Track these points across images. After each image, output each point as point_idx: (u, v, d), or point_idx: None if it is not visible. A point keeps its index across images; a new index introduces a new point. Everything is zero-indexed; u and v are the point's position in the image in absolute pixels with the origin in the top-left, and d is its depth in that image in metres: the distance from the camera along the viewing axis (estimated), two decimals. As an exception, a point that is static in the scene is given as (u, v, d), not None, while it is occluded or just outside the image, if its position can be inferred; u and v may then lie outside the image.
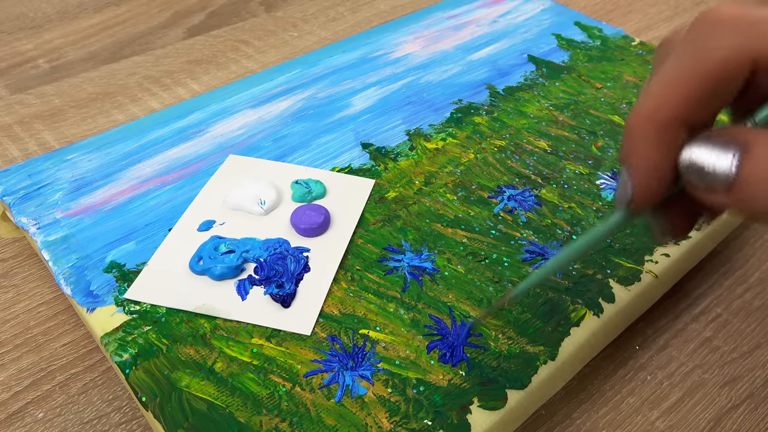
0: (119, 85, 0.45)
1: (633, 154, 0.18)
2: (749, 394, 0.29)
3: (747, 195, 0.16)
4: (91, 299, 0.27)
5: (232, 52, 0.49)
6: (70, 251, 0.29)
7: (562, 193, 0.34)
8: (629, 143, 0.18)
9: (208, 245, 0.29)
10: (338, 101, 0.39)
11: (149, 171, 0.34)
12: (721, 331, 0.31)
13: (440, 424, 0.24)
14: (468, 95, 0.40)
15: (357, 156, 0.35)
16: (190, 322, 0.27)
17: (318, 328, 0.27)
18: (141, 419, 0.27)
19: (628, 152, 0.19)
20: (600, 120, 0.39)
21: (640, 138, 0.18)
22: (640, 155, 0.18)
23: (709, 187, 0.17)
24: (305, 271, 0.29)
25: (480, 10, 0.49)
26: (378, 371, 0.25)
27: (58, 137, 0.40)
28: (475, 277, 0.29)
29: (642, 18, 0.55)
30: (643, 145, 0.18)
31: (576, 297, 0.28)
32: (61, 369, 0.28)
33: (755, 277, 0.34)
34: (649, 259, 0.30)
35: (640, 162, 0.18)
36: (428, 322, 0.27)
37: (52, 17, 0.53)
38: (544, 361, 0.26)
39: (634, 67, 0.43)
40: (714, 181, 0.17)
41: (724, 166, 0.16)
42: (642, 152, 0.18)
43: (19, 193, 0.32)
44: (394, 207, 0.32)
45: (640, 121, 0.18)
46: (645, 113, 0.18)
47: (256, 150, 0.35)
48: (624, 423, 0.28)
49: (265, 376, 0.25)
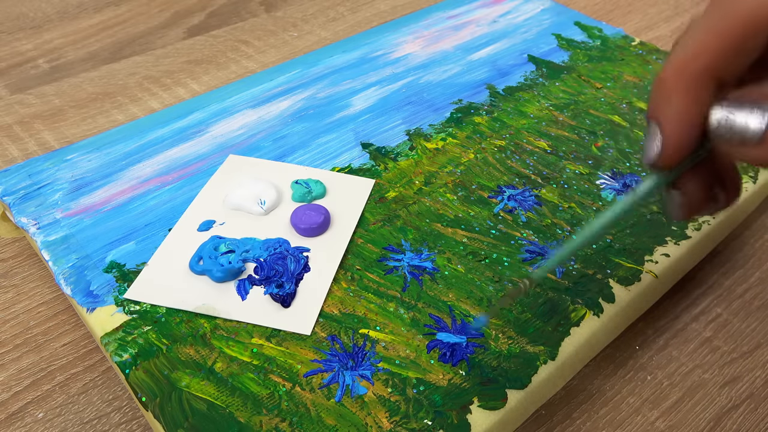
0: (119, 85, 0.45)
1: (664, 106, 0.19)
2: (749, 394, 0.29)
3: None
4: (91, 299, 0.27)
5: (232, 52, 0.49)
6: (70, 251, 0.29)
7: (562, 193, 0.34)
8: (659, 96, 0.19)
9: (208, 245, 0.29)
10: (338, 101, 0.39)
11: (149, 171, 0.34)
12: (721, 331, 0.31)
13: (440, 424, 0.24)
14: (468, 95, 0.40)
15: (357, 156, 0.35)
16: (190, 322, 0.27)
17: (318, 328, 0.27)
18: (141, 419, 0.27)
19: (657, 105, 0.19)
20: (600, 120, 0.39)
21: (672, 89, 0.19)
22: (670, 107, 0.19)
23: (742, 141, 0.18)
24: (305, 271, 0.29)
25: (480, 10, 0.49)
26: (378, 371, 0.25)
27: (58, 137, 0.40)
28: (475, 276, 0.29)
29: (642, 18, 0.55)
30: (675, 96, 0.19)
31: (576, 297, 0.28)
32: (61, 369, 0.28)
33: (755, 277, 0.34)
34: (649, 259, 0.30)
35: (672, 113, 0.19)
36: (428, 321, 0.27)
37: (52, 17, 0.53)
38: (544, 361, 0.26)
39: (634, 67, 0.43)
40: (745, 136, 0.18)
41: (755, 121, 0.17)
42: (673, 103, 0.19)
43: (19, 193, 0.32)
44: (394, 207, 0.32)
45: (671, 74, 0.19)
46: (677, 66, 0.19)
47: (256, 150, 0.35)
48: (624, 423, 0.28)
49: (265, 376, 0.25)
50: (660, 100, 0.19)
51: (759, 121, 0.17)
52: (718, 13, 0.19)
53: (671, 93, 0.19)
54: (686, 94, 0.19)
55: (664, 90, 0.19)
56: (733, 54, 0.18)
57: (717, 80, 0.19)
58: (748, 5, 0.18)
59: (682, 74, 0.19)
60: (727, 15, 0.18)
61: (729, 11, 0.18)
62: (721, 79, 0.19)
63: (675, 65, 0.19)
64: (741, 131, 0.18)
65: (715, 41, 0.18)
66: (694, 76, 0.19)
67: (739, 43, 0.18)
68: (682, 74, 0.19)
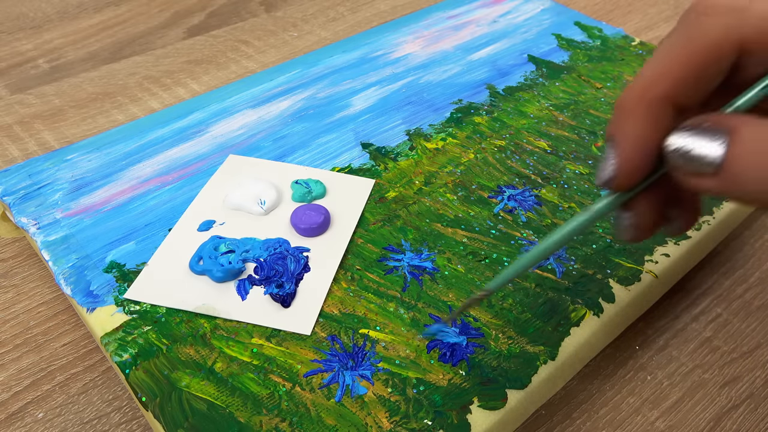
0: (119, 85, 0.45)
1: (620, 129, 0.19)
2: (749, 394, 0.29)
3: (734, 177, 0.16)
4: (91, 299, 0.27)
5: (232, 52, 0.49)
6: (70, 251, 0.29)
7: (562, 193, 0.34)
8: (617, 119, 0.19)
9: (208, 245, 0.29)
10: (338, 101, 0.39)
11: (149, 171, 0.34)
12: (721, 331, 0.31)
13: (440, 424, 0.24)
14: (468, 95, 0.40)
15: (357, 156, 0.35)
16: (190, 322, 0.27)
17: (318, 328, 0.27)
18: (141, 419, 0.27)
19: (615, 127, 0.19)
20: (600, 120, 0.39)
21: (629, 113, 0.19)
22: (627, 129, 0.19)
23: (697, 170, 0.17)
24: (305, 270, 0.29)
25: (480, 10, 0.49)
26: (378, 371, 0.25)
27: (58, 137, 0.40)
28: (475, 276, 0.29)
29: (642, 18, 0.55)
30: (632, 119, 0.19)
31: (576, 297, 0.28)
32: (61, 369, 0.28)
33: (755, 277, 0.34)
34: (649, 259, 0.30)
35: (627, 136, 0.19)
36: (428, 321, 0.27)
37: (52, 17, 0.53)
38: (544, 361, 0.26)
39: (634, 67, 0.43)
40: (702, 165, 0.17)
41: (711, 150, 0.17)
42: (629, 126, 0.19)
43: (19, 193, 0.32)
44: (394, 207, 0.32)
45: (630, 98, 0.19)
46: (636, 90, 0.19)
47: (256, 150, 0.35)
48: (624, 423, 0.28)
49: (265, 376, 0.25)
50: (618, 123, 0.19)
51: (716, 149, 0.17)
52: (683, 36, 0.18)
53: (629, 116, 0.19)
54: (644, 118, 0.18)
55: (623, 113, 0.19)
56: (695, 80, 0.18)
57: (677, 106, 0.18)
58: (713, 32, 0.18)
59: (642, 99, 0.18)
60: (692, 40, 0.18)
61: (694, 36, 0.18)
62: (681, 104, 0.18)
63: (635, 90, 0.19)
64: (697, 159, 0.17)
65: (677, 68, 0.18)
66: (654, 102, 0.18)
67: (701, 70, 0.18)
68: (641, 99, 0.18)
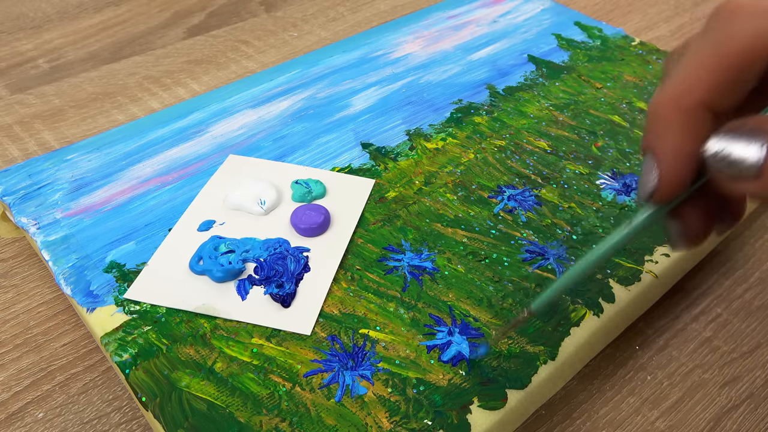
0: (119, 85, 0.45)
1: (658, 140, 0.18)
2: (749, 394, 0.29)
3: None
4: (91, 299, 0.27)
5: (232, 52, 0.49)
6: (70, 251, 0.29)
7: (562, 193, 0.34)
8: (654, 129, 0.19)
9: (208, 245, 0.29)
10: (338, 101, 0.39)
11: (149, 171, 0.34)
12: (721, 331, 0.31)
13: (440, 424, 0.24)
14: (468, 95, 0.40)
15: (357, 156, 0.35)
16: (190, 322, 0.27)
17: (318, 328, 0.27)
18: (141, 419, 0.27)
19: (652, 138, 0.19)
20: (600, 120, 0.39)
21: (666, 123, 0.18)
22: (666, 140, 0.18)
23: (737, 174, 0.17)
24: (305, 270, 0.29)
25: (480, 10, 0.49)
26: (378, 371, 0.25)
27: (58, 137, 0.40)
28: (475, 276, 0.29)
29: (642, 18, 0.55)
30: (670, 130, 0.18)
31: (576, 297, 0.28)
32: (61, 369, 0.28)
33: (755, 277, 0.34)
34: (649, 259, 0.30)
35: (666, 147, 0.18)
36: (428, 321, 0.27)
37: (52, 17, 0.53)
38: (544, 361, 0.26)
39: (634, 67, 0.43)
40: (742, 169, 0.17)
41: (751, 153, 0.17)
42: (668, 137, 0.18)
43: (19, 193, 0.32)
44: (394, 207, 0.32)
45: (665, 107, 0.18)
46: (671, 98, 0.18)
47: (256, 150, 0.35)
48: (624, 423, 0.28)
49: (265, 376, 0.25)
50: (655, 134, 0.19)
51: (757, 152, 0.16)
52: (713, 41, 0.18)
53: (667, 127, 0.18)
54: (682, 128, 0.18)
55: (659, 124, 0.18)
56: (729, 86, 0.18)
57: (713, 112, 0.18)
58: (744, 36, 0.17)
59: (677, 107, 0.18)
60: (723, 45, 0.18)
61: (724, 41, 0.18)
62: (717, 110, 0.18)
63: (669, 97, 0.18)
64: (738, 163, 0.17)
65: (711, 73, 0.18)
66: (690, 110, 0.18)
67: (735, 74, 0.18)
68: (676, 107, 0.18)
